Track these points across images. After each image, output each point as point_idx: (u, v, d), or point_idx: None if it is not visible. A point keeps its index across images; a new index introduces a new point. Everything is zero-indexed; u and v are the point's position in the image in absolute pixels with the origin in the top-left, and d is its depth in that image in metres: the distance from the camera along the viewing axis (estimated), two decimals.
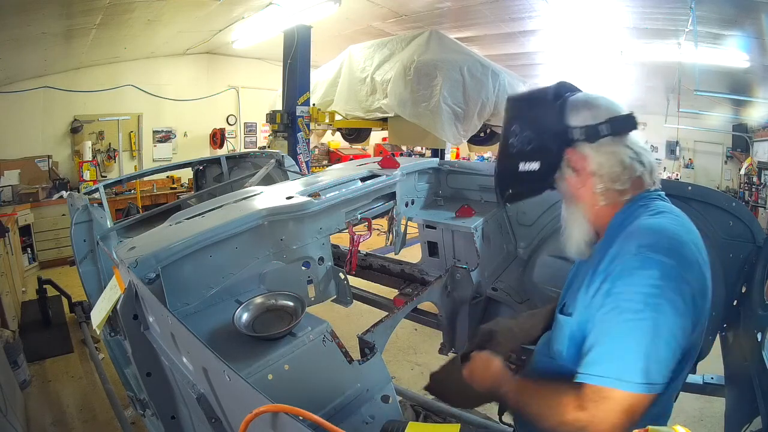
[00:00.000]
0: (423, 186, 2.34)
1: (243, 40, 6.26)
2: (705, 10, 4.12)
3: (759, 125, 7.67)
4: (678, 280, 0.76)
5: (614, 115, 0.90)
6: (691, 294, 0.76)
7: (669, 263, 0.76)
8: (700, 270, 0.79)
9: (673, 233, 0.81)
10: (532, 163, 0.94)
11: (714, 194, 1.61)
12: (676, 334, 0.75)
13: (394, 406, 1.16)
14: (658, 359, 0.74)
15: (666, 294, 0.75)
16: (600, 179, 0.89)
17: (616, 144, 0.89)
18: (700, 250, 0.82)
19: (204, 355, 0.81)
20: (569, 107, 0.92)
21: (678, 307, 0.75)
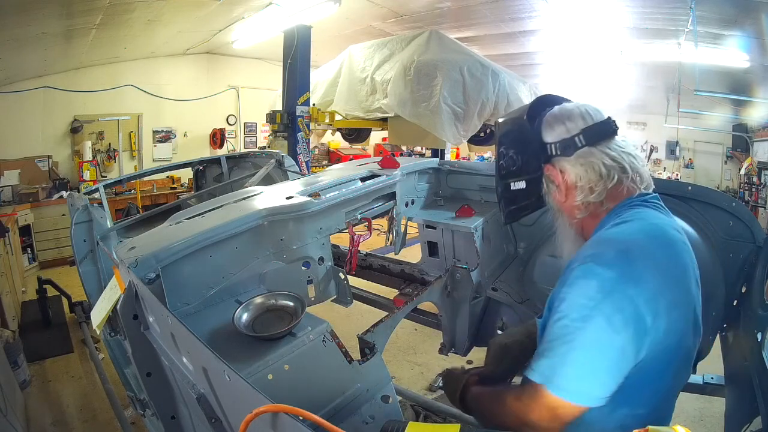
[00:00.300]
0: (423, 186, 2.34)
1: (243, 40, 6.26)
2: (705, 10, 4.12)
3: (759, 125, 7.67)
4: (616, 293, 0.75)
5: (588, 125, 0.91)
6: (634, 308, 0.74)
7: (608, 276, 0.76)
8: (653, 282, 0.76)
9: (624, 244, 0.80)
10: (519, 182, 1.00)
11: (714, 194, 1.61)
12: (610, 348, 0.74)
13: (394, 406, 1.16)
14: (586, 370, 0.75)
15: (601, 307, 0.75)
16: (580, 191, 0.91)
17: (593, 154, 0.90)
18: (665, 259, 0.80)
19: (204, 355, 0.81)
20: (545, 124, 0.95)
21: (613, 322, 0.74)
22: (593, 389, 0.75)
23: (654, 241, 0.82)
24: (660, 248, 0.82)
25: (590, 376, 0.75)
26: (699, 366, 1.57)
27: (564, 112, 0.94)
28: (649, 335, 0.76)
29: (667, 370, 0.82)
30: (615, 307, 0.74)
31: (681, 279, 0.82)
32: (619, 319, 0.74)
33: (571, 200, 0.94)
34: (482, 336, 2.14)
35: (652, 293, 0.76)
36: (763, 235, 1.53)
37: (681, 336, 0.81)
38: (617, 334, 0.74)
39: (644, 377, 0.79)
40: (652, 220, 0.86)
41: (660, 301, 0.76)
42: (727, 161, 8.93)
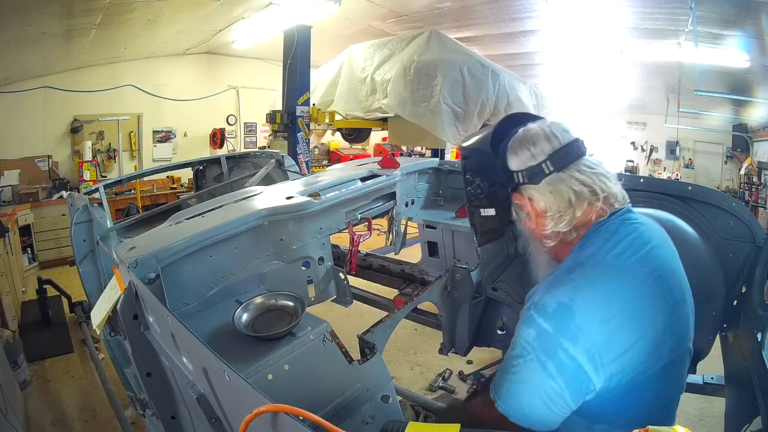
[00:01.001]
0: (423, 186, 2.34)
1: (243, 40, 6.26)
2: (705, 10, 4.12)
3: (759, 125, 7.66)
4: (550, 344, 0.78)
5: (555, 150, 0.87)
6: (569, 359, 0.76)
7: (545, 328, 0.79)
8: (595, 334, 0.77)
9: (567, 300, 0.79)
10: (488, 209, 0.98)
11: (714, 194, 1.61)
12: (544, 389, 0.79)
13: (394, 406, 1.16)
14: (523, 402, 0.82)
15: (536, 353, 0.79)
16: (550, 219, 0.88)
17: (562, 180, 0.86)
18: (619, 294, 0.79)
19: (204, 355, 0.81)
20: (509, 150, 0.91)
21: (547, 368, 0.78)
22: (530, 417, 0.82)
23: (608, 276, 0.81)
24: (615, 282, 0.81)
25: (526, 406, 0.82)
26: (699, 366, 1.58)
27: (528, 136, 0.89)
28: (594, 382, 0.77)
29: (637, 397, 0.82)
30: (548, 356, 0.78)
31: (643, 313, 0.81)
32: (552, 367, 0.77)
33: (540, 228, 0.91)
34: (482, 336, 2.14)
35: (593, 344, 0.76)
36: (763, 235, 1.53)
37: (643, 371, 0.80)
38: (551, 379, 0.78)
39: (613, 404, 0.81)
40: (612, 249, 0.83)
41: (605, 351, 0.77)
42: (727, 161, 8.92)
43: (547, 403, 0.79)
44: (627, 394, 0.80)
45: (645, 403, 0.84)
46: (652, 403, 0.86)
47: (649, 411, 0.85)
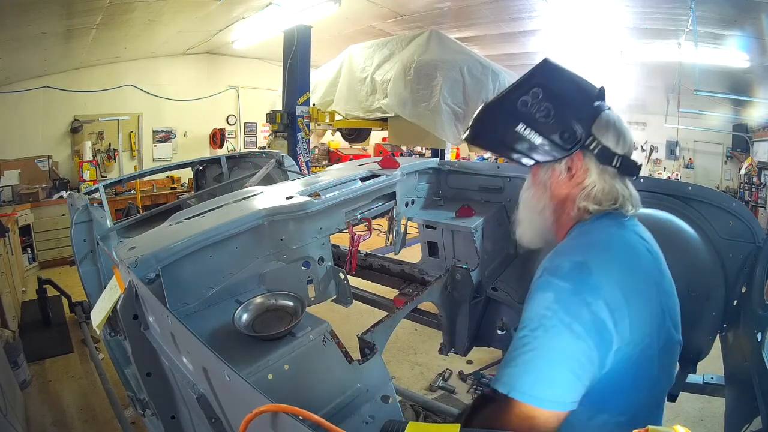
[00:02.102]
0: (423, 186, 2.34)
1: (243, 40, 6.26)
2: (705, 10, 4.12)
3: (759, 125, 7.67)
4: (573, 302, 0.75)
5: (627, 156, 0.90)
6: (592, 315, 0.74)
7: (564, 287, 0.76)
8: (611, 292, 0.76)
9: (581, 256, 0.80)
10: (533, 133, 0.87)
11: (714, 194, 1.61)
12: (573, 352, 0.74)
13: (394, 406, 1.16)
14: (547, 375, 0.74)
15: (558, 316, 0.74)
16: (586, 196, 0.89)
17: (616, 178, 0.90)
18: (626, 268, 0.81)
19: (204, 355, 0.81)
20: (604, 117, 0.88)
21: (574, 329, 0.73)
22: (557, 393, 0.73)
23: (616, 243, 0.84)
24: (622, 249, 0.84)
25: (552, 381, 0.74)
26: (699, 366, 1.58)
27: (622, 128, 0.90)
28: (615, 341, 0.75)
29: (639, 380, 0.82)
30: (573, 316, 0.74)
31: (644, 289, 0.82)
32: (579, 327, 0.73)
33: (571, 195, 0.91)
34: (482, 336, 2.14)
35: (611, 300, 0.75)
36: (763, 235, 1.53)
37: (646, 348, 0.80)
38: (580, 340, 0.73)
39: (617, 386, 0.79)
40: (613, 229, 0.87)
41: (621, 309, 0.76)
42: (727, 161, 8.93)
43: (577, 371, 0.73)
44: (630, 372, 0.79)
45: (643, 391, 0.84)
46: (650, 392, 0.86)
47: (647, 400, 0.85)
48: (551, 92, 0.85)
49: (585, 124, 0.86)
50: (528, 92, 0.86)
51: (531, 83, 0.87)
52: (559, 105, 0.85)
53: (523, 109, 0.86)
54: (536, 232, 0.99)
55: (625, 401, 0.82)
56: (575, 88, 0.89)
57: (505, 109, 0.89)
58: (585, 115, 0.86)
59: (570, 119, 0.86)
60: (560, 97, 0.86)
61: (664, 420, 0.96)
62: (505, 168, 2.24)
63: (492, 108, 0.91)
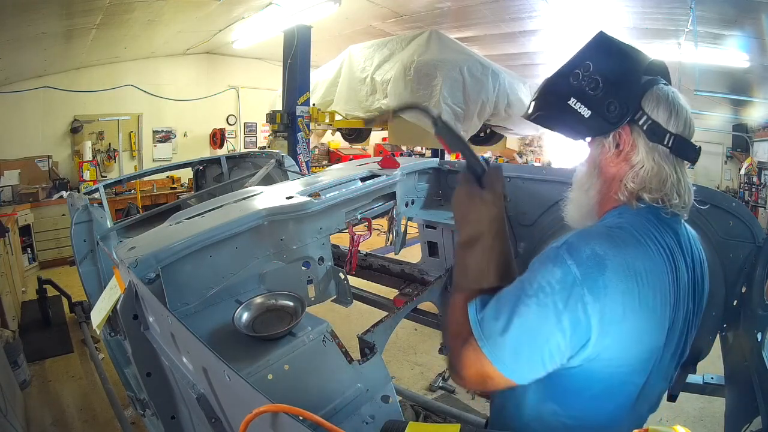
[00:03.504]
0: (423, 186, 2.34)
1: (243, 40, 6.26)
2: (705, 10, 4.12)
3: (759, 125, 7.67)
4: (573, 293, 0.72)
5: (684, 136, 0.81)
6: (584, 315, 0.71)
7: (573, 272, 0.72)
8: (615, 301, 0.72)
9: (603, 249, 0.74)
10: (584, 107, 0.83)
11: (714, 194, 1.61)
12: (549, 341, 0.73)
13: (394, 406, 1.16)
14: (516, 349, 0.74)
15: (555, 298, 0.72)
16: (634, 176, 0.82)
17: (667, 160, 0.81)
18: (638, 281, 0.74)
19: (204, 355, 0.81)
20: (655, 91, 0.82)
21: (562, 321, 0.72)
22: (520, 368, 0.75)
23: (639, 259, 0.76)
24: (643, 269, 0.75)
25: (520, 355, 0.74)
26: (699, 366, 1.58)
27: (677, 103, 0.82)
28: (591, 349, 0.73)
29: (604, 396, 0.80)
30: (567, 306, 0.72)
31: (651, 320, 0.77)
32: (567, 320, 0.72)
33: (618, 173, 0.85)
34: None
35: (608, 311, 0.72)
36: (763, 235, 1.53)
37: (625, 374, 0.78)
38: (561, 333, 0.72)
39: (577, 389, 0.78)
40: (652, 231, 0.79)
41: (612, 325, 0.72)
42: (727, 161, 8.93)
43: (546, 357, 0.73)
44: (596, 386, 0.78)
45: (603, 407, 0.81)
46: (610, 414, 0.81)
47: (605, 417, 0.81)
48: (600, 65, 0.83)
49: (633, 97, 0.82)
50: (580, 66, 0.84)
51: (583, 57, 0.85)
52: (607, 77, 0.82)
53: (574, 83, 0.84)
54: (581, 211, 0.93)
55: (581, 406, 0.81)
56: (626, 60, 0.84)
57: (559, 83, 0.87)
58: (634, 88, 0.82)
59: (618, 91, 0.82)
60: (609, 70, 0.83)
61: (664, 420, 0.96)
62: (505, 168, 2.24)
63: (549, 82, 0.89)
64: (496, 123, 5.09)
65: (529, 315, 0.74)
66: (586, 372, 0.76)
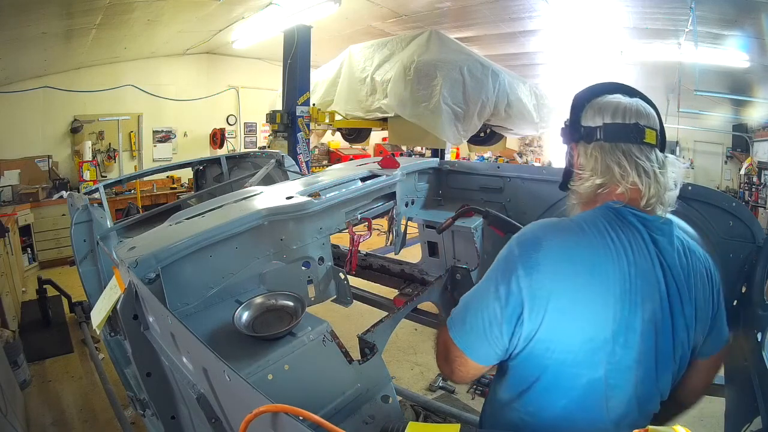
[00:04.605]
0: (423, 186, 2.34)
1: (243, 40, 6.26)
2: (705, 10, 4.12)
3: (759, 125, 7.66)
4: (510, 267, 0.82)
5: (611, 123, 0.88)
6: (517, 289, 0.80)
7: (514, 252, 0.84)
8: (546, 277, 0.78)
9: (544, 232, 0.84)
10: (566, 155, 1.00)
11: (714, 194, 1.61)
12: (487, 311, 0.83)
13: (394, 406, 1.16)
14: (465, 320, 0.87)
15: (497, 273, 0.84)
16: (578, 178, 0.92)
17: (603, 150, 0.88)
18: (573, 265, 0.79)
19: (204, 355, 0.81)
20: (588, 107, 0.94)
21: (499, 291, 0.82)
22: (468, 338, 0.86)
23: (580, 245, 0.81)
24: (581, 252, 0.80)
25: (465, 323, 0.87)
26: None
27: (605, 104, 0.92)
28: (525, 326, 0.80)
29: (555, 386, 0.81)
30: (503, 278, 0.82)
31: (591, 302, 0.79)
32: (502, 290, 0.81)
33: (575, 183, 0.95)
34: None
35: (536, 287, 0.79)
36: (763, 235, 1.52)
37: (573, 362, 0.79)
38: (497, 303, 0.82)
39: (524, 375, 0.86)
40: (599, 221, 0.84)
41: (540, 300, 0.78)
42: (727, 161, 8.92)
43: (486, 328, 0.83)
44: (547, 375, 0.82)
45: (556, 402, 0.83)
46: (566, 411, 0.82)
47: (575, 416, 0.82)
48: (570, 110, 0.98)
49: (575, 120, 0.95)
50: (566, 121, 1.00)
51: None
52: (570, 116, 0.97)
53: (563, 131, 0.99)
54: None
55: (533, 400, 0.85)
56: (574, 99, 0.97)
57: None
58: (576, 113, 0.95)
59: (572, 122, 0.96)
60: (570, 111, 0.97)
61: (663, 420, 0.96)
62: (505, 168, 2.24)
63: None
64: (496, 123, 5.09)
65: (478, 287, 0.88)
66: (532, 356, 0.82)
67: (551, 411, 0.83)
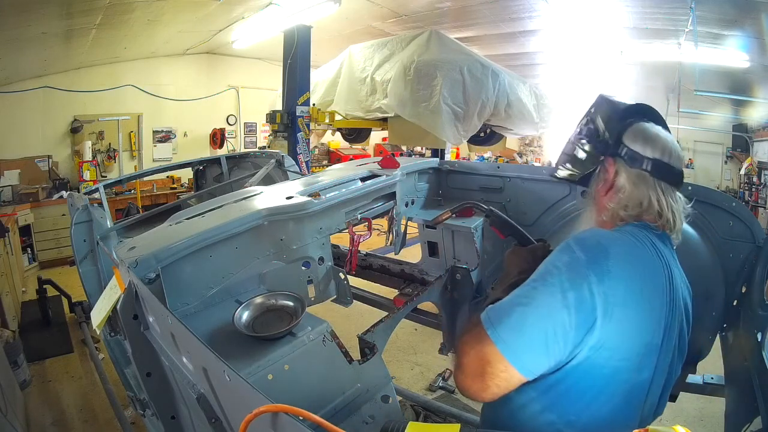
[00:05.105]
0: (423, 186, 2.34)
1: (243, 40, 6.26)
2: (705, 10, 4.12)
3: (759, 125, 7.67)
4: (579, 273, 0.78)
5: (662, 161, 0.92)
6: (589, 295, 0.76)
7: (579, 256, 0.80)
8: (619, 286, 0.78)
9: (607, 241, 0.84)
10: (582, 152, 1.02)
11: (714, 194, 1.61)
12: (553, 318, 0.77)
13: (394, 406, 1.16)
14: (521, 329, 0.78)
15: (562, 277, 0.79)
16: (618, 201, 0.94)
17: (648, 183, 0.92)
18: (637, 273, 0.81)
19: (204, 355, 0.81)
20: (633, 128, 0.96)
21: (567, 297, 0.76)
22: (524, 349, 0.78)
23: (634, 255, 0.84)
24: (639, 264, 0.83)
25: (523, 334, 0.78)
26: (699, 366, 1.58)
27: (654, 134, 0.95)
28: (595, 333, 0.76)
29: (605, 396, 0.81)
30: (573, 284, 0.77)
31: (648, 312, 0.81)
32: (572, 297, 0.76)
33: (606, 200, 0.97)
34: None
35: (611, 294, 0.77)
36: (763, 235, 1.53)
37: (625, 369, 0.80)
38: (566, 310, 0.76)
39: (577, 390, 0.80)
40: (636, 238, 0.87)
41: (614, 307, 0.77)
42: (727, 161, 8.92)
43: (549, 338, 0.76)
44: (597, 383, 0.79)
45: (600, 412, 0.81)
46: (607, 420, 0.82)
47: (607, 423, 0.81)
48: (595, 117, 1.01)
49: (614, 134, 0.97)
50: (582, 122, 1.04)
51: (586, 114, 1.04)
52: (597, 124, 1.00)
53: (579, 136, 1.04)
54: None
55: (578, 410, 0.82)
56: (612, 108, 1.00)
57: (570, 141, 1.07)
58: (615, 127, 0.97)
59: (603, 133, 0.99)
60: (600, 118, 1.01)
61: (664, 420, 0.96)
62: (505, 168, 2.24)
63: (567, 143, 1.09)
64: (496, 123, 5.09)
65: (535, 295, 0.80)
66: (593, 367, 0.78)
67: (594, 417, 0.81)
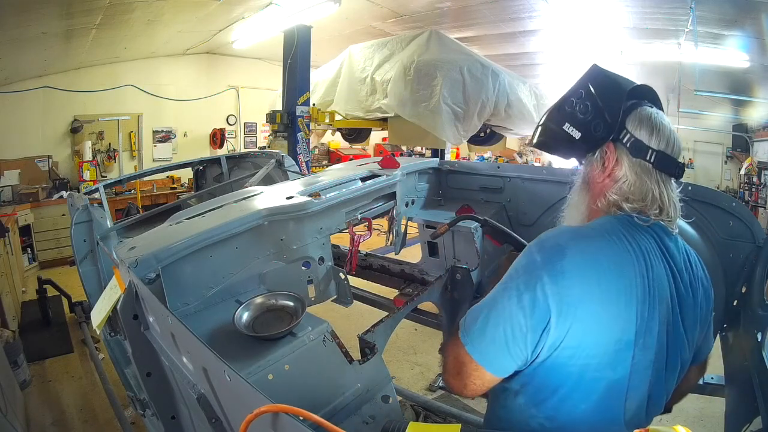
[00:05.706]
0: (423, 186, 2.34)
1: (243, 40, 6.26)
2: (705, 10, 4.12)
3: (759, 125, 7.67)
4: (534, 275, 0.79)
5: (666, 153, 0.87)
6: (543, 296, 0.77)
7: (535, 259, 0.81)
8: (574, 284, 0.77)
9: (564, 243, 0.82)
10: (575, 130, 0.94)
11: (714, 194, 1.61)
12: (511, 321, 0.80)
13: (394, 406, 1.16)
14: (484, 333, 0.83)
15: (518, 281, 0.81)
16: (618, 190, 0.89)
17: (650, 175, 0.87)
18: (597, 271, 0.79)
19: (204, 355, 0.81)
20: (639, 112, 0.90)
21: (522, 300, 0.79)
22: (488, 350, 0.82)
23: (602, 251, 0.81)
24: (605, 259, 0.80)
25: (486, 336, 0.82)
26: None
27: (659, 123, 0.89)
28: (551, 334, 0.77)
29: (576, 390, 0.81)
30: (527, 287, 0.79)
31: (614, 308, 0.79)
32: (526, 299, 0.79)
33: (603, 187, 0.92)
34: None
35: (564, 294, 0.77)
36: (763, 235, 1.53)
37: (597, 366, 0.79)
38: (521, 313, 0.79)
39: (547, 382, 0.82)
40: (618, 228, 0.84)
41: (569, 308, 0.76)
42: (727, 161, 8.93)
43: (509, 339, 0.80)
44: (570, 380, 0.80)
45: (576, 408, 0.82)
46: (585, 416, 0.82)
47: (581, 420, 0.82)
48: (591, 92, 0.93)
49: (616, 117, 0.90)
50: (575, 95, 0.95)
51: (578, 87, 0.95)
52: (595, 102, 0.92)
53: (569, 110, 0.95)
54: (574, 221, 0.99)
55: (555, 405, 0.82)
56: (612, 86, 0.93)
57: (557, 111, 0.97)
58: (617, 109, 0.90)
59: (603, 113, 0.91)
60: (598, 95, 0.92)
61: (664, 420, 0.96)
62: (505, 168, 2.24)
63: (550, 111, 1.00)
64: (496, 123, 5.09)
65: (497, 298, 0.84)
66: (556, 365, 0.80)
67: (572, 415, 0.82)
